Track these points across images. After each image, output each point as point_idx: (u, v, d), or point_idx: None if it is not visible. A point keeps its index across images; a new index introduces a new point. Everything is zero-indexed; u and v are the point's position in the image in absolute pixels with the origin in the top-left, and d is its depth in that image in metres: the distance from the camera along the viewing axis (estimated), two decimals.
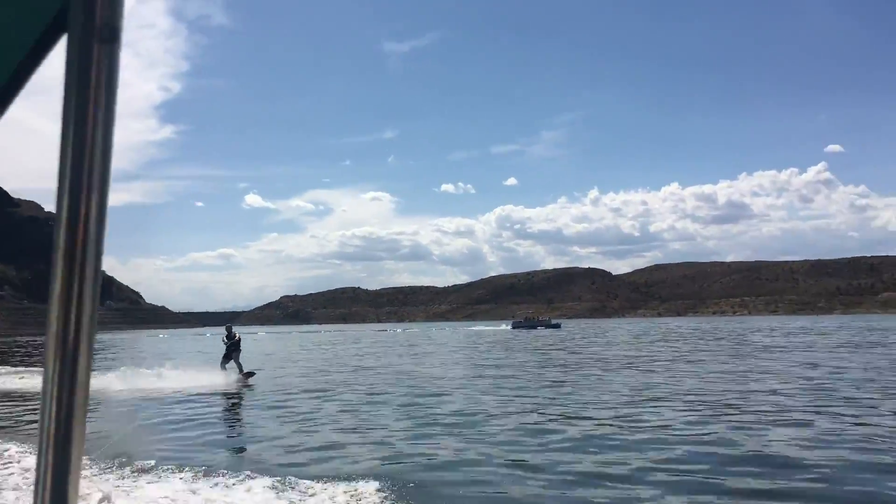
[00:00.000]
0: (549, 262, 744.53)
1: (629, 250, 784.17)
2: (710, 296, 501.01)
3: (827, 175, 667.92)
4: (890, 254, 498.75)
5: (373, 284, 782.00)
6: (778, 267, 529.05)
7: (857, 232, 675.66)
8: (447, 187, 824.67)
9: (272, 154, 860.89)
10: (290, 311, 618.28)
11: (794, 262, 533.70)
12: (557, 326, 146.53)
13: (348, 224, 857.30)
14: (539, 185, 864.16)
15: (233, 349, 28.75)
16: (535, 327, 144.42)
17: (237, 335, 29.16)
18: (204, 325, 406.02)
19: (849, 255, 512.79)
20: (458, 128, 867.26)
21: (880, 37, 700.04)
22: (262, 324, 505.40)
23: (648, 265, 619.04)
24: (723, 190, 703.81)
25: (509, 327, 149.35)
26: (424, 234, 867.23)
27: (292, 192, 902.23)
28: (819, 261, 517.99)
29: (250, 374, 28.48)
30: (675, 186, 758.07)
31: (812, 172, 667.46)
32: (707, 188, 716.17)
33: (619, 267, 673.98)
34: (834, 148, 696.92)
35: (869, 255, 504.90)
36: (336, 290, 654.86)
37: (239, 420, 18.34)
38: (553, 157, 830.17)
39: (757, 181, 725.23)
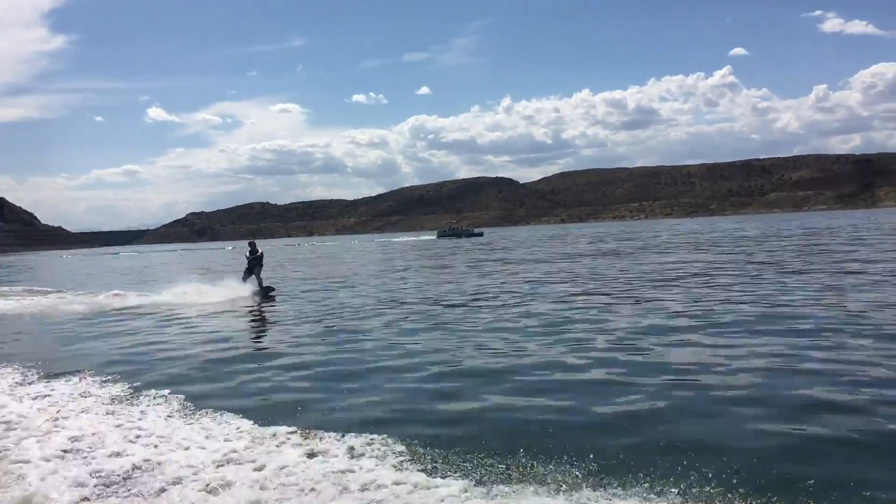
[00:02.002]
0: (464, 172, 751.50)
1: (542, 158, 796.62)
2: (611, 202, 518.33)
3: (731, 79, 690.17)
4: (781, 155, 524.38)
5: (287, 199, 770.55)
6: (676, 171, 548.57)
7: (758, 134, 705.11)
8: (359, 98, 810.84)
9: (174, 65, 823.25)
10: (196, 228, 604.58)
11: (691, 165, 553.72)
12: (480, 235, 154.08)
13: (258, 137, 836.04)
14: (452, 94, 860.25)
15: (255, 263, 28.81)
16: (459, 236, 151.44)
17: (260, 250, 29.23)
18: (105, 245, 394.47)
19: (745, 158, 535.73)
20: (369, 36, 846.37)
21: None
22: (169, 242, 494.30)
23: (556, 173, 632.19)
24: (632, 96, 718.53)
25: (434, 237, 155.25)
26: (337, 146, 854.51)
27: (198, 104, 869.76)
28: (715, 164, 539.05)
29: (270, 289, 28.75)
30: (586, 93, 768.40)
31: (717, 77, 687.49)
32: (617, 94, 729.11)
33: (532, 175, 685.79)
34: (738, 51, 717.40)
35: (763, 157, 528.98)
36: (244, 205, 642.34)
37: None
38: (465, 66, 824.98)
39: (665, 86, 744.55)
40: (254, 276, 28.68)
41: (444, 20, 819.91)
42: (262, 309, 24.13)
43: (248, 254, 29.28)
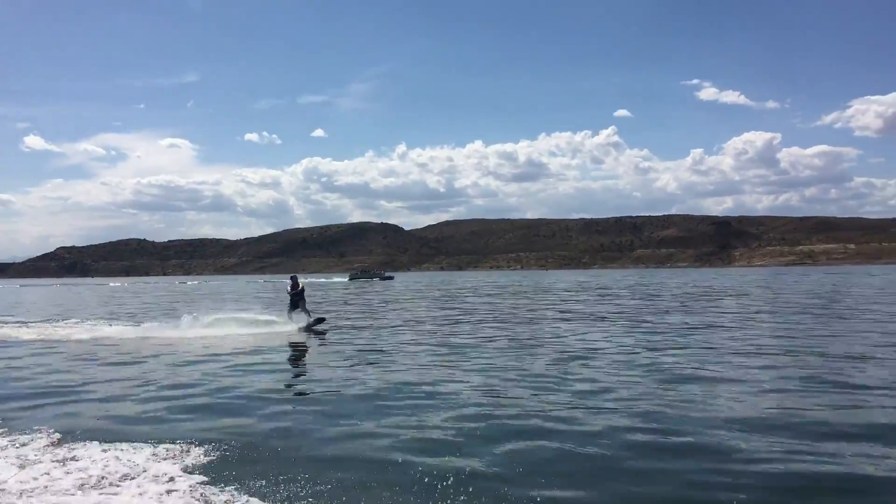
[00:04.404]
0: (357, 216, 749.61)
1: (435, 205, 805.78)
2: (492, 251, 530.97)
3: (616, 139, 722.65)
4: (652, 214, 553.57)
5: (172, 236, 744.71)
6: (556, 224, 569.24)
7: (639, 192, 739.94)
8: (252, 136, 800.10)
9: (57, 92, 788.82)
10: (66, 263, 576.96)
11: (570, 219, 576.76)
12: (391, 278, 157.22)
13: (144, 171, 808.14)
14: (347, 138, 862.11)
15: (297, 298, 29.13)
16: (371, 278, 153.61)
17: (301, 285, 29.51)
18: None
19: (619, 215, 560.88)
20: (264, 75, 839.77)
21: (666, 11, 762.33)
22: (36, 276, 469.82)
23: (440, 221, 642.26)
24: (523, 149, 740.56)
25: (346, 279, 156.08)
26: (228, 184, 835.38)
27: (80, 134, 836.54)
28: (592, 219, 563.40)
29: (320, 320, 29.52)
30: (479, 144, 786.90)
31: (603, 136, 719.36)
32: (509, 147, 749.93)
33: (426, 222, 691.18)
34: (622, 113, 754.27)
35: (636, 215, 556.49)
36: (119, 241, 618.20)
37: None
38: (361, 111, 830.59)
39: (554, 142, 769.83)
40: (299, 309, 29.16)
41: (342, 65, 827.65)
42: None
43: (289, 289, 29.48)
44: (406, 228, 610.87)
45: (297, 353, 22.76)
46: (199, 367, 18.82)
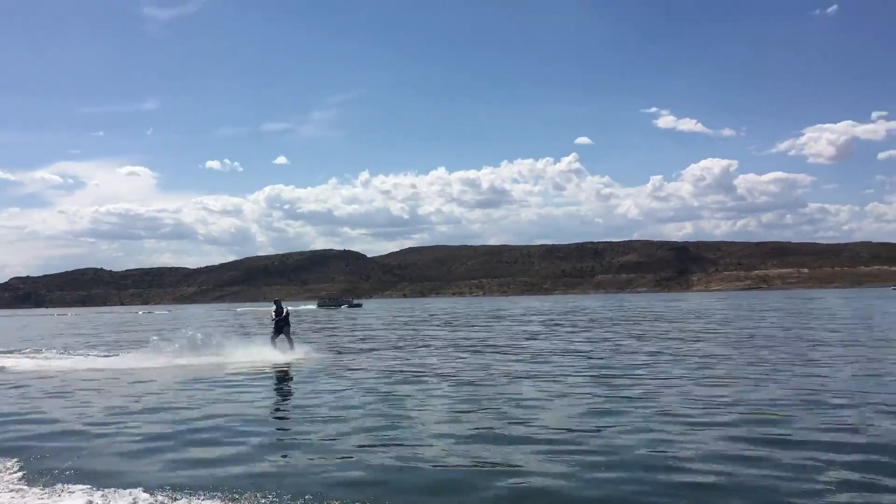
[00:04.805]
0: (321, 244, 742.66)
1: (399, 232, 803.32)
2: (455, 278, 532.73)
3: (577, 165, 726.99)
4: (612, 240, 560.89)
5: (131, 264, 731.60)
6: (518, 251, 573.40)
7: (601, 219, 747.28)
8: (213, 164, 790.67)
9: (11, 120, 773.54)
10: (20, 293, 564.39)
11: (532, 246, 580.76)
12: (360, 305, 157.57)
13: (103, 200, 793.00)
14: (310, 165, 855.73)
15: (282, 324, 28.78)
16: (339, 306, 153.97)
17: (285, 310, 29.06)
18: None
19: (581, 241, 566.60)
20: (226, 102, 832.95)
21: (625, 41, 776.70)
22: None
23: (404, 248, 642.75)
24: (486, 176, 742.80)
25: (314, 307, 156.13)
26: (188, 212, 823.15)
27: (36, 163, 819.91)
28: (554, 245, 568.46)
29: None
30: (442, 171, 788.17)
31: (564, 162, 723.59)
32: (472, 173, 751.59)
33: (390, 249, 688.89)
34: (583, 140, 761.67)
35: (596, 241, 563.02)
36: (75, 270, 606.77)
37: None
38: (324, 138, 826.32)
39: (517, 168, 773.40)
40: (283, 335, 28.72)
41: (305, 92, 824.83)
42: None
43: (273, 314, 29.08)
44: (369, 256, 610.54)
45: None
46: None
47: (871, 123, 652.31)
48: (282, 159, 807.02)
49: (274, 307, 29.35)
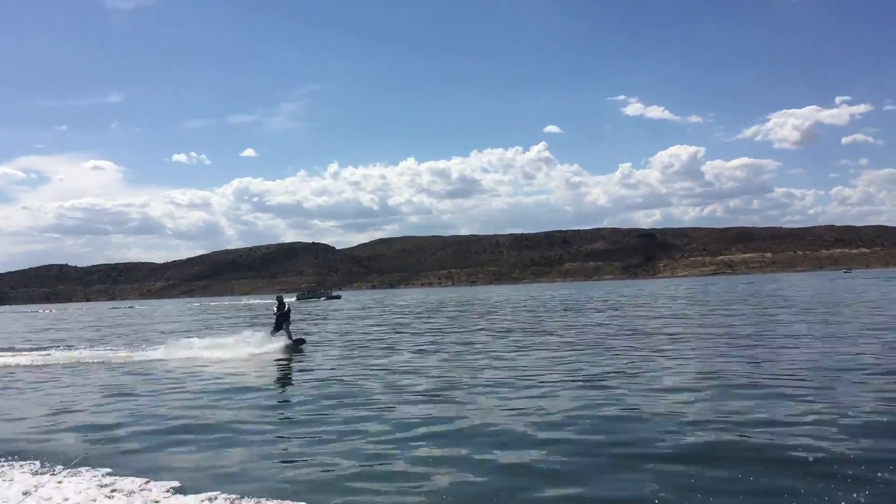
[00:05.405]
0: (291, 236, 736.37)
1: (369, 224, 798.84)
2: (424, 268, 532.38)
3: (546, 154, 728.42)
4: (581, 228, 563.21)
5: (98, 260, 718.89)
6: (487, 240, 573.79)
7: (571, 207, 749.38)
8: (179, 157, 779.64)
9: None
10: None
11: (501, 235, 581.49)
12: (338, 297, 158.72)
13: (67, 195, 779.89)
14: (278, 157, 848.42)
15: (282, 319, 29.89)
16: (319, 298, 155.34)
17: (287, 306, 30.33)
18: None
19: (551, 229, 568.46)
20: (192, 95, 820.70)
21: (592, 30, 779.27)
22: None
23: (374, 239, 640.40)
24: (456, 166, 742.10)
25: (294, 300, 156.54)
26: (156, 206, 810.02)
27: None
28: (522, 234, 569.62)
29: (300, 341, 30.19)
30: (411, 161, 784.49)
31: (534, 151, 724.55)
32: (441, 164, 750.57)
33: (360, 240, 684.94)
34: (552, 129, 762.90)
35: (565, 229, 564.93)
36: (39, 267, 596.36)
37: None
38: (292, 130, 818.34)
39: (486, 158, 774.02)
40: (283, 330, 29.78)
41: (272, 84, 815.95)
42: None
43: (275, 309, 30.34)
44: (339, 248, 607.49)
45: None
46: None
47: (835, 108, 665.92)
48: (249, 152, 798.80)
49: (276, 303, 30.77)
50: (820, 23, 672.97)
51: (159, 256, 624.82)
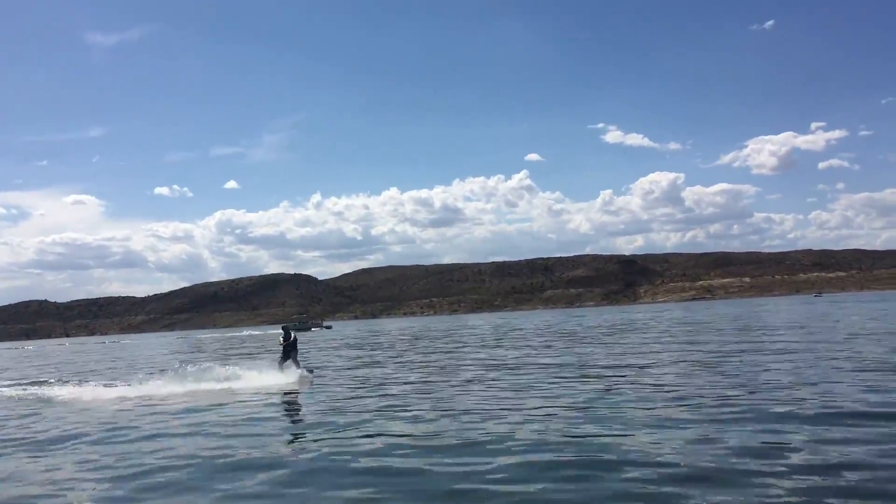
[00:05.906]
0: (274, 267, 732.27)
1: (353, 254, 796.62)
2: (407, 298, 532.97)
3: (528, 182, 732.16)
4: (563, 255, 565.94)
5: (78, 295, 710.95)
6: (469, 269, 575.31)
7: (554, 234, 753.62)
8: (161, 190, 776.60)
9: None
10: None
11: (483, 263, 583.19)
12: (329, 327, 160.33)
13: (48, 230, 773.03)
14: (261, 188, 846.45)
15: (290, 349, 29.50)
16: (309, 329, 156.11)
17: (293, 335, 29.95)
18: None
19: (533, 257, 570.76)
20: (174, 128, 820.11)
21: (571, 58, 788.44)
22: None
23: (357, 269, 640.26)
24: (438, 195, 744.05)
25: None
26: (138, 239, 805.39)
27: None
28: (504, 262, 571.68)
29: (309, 371, 29.96)
30: (394, 191, 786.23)
31: (516, 179, 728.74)
32: (424, 193, 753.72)
33: (343, 270, 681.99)
34: (533, 157, 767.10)
35: (546, 256, 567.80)
36: (19, 303, 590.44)
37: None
38: (274, 161, 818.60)
39: (469, 187, 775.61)
40: (290, 360, 29.28)
41: (254, 116, 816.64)
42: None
43: (281, 340, 29.86)
44: (321, 278, 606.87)
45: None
46: None
47: (811, 134, 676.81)
48: (232, 184, 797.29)
49: (282, 333, 30.48)
50: (793, 50, 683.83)
51: (141, 290, 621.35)
